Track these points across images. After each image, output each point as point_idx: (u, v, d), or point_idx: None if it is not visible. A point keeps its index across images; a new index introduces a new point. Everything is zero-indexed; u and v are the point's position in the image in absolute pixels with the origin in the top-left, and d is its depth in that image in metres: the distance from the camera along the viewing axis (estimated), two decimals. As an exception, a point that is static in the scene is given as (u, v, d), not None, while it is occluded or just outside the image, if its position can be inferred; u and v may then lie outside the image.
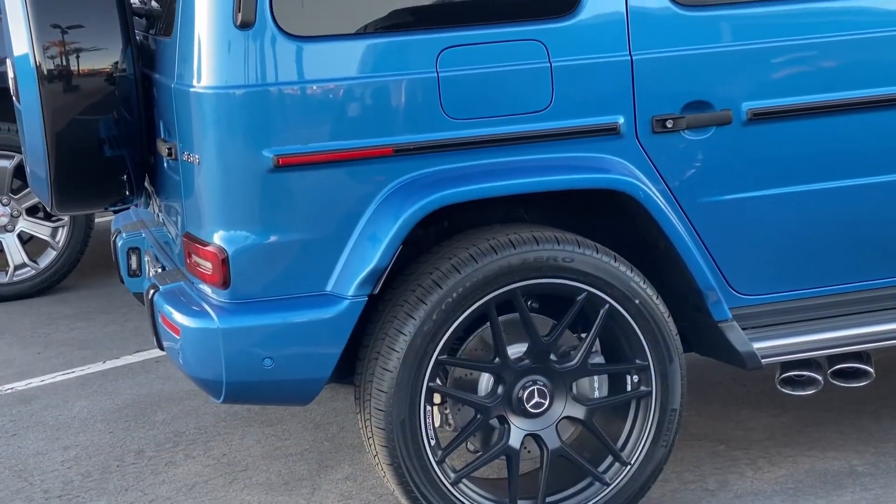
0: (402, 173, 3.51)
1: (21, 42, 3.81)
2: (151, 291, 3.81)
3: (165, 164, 3.82)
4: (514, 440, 3.69)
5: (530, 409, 3.66)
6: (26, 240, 6.64)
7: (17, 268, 6.60)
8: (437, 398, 3.67)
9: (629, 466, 3.74)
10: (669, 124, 3.65)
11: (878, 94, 3.77)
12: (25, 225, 6.60)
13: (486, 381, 3.69)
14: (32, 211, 6.61)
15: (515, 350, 3.66)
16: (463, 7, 3.63)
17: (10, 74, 4.06)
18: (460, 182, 3.50)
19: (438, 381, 3.63)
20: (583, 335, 3.71)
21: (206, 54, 3.46)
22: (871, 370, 3.92)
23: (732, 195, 3.75)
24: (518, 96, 3.56)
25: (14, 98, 4.11)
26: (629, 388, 3.74)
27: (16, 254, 6.58)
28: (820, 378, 3.90)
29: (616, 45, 3.61)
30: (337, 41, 3.49)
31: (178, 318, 3.58)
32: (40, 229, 6.61)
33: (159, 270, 4.05)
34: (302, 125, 3.45)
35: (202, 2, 3.45)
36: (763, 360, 3.78)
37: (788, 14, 3.73)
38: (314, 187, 3.47)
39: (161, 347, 3.86)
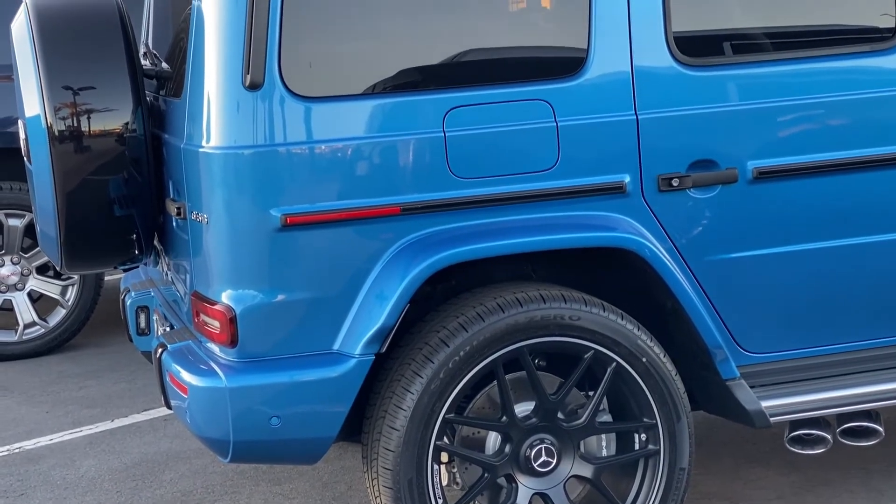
0: (410, 232, 3.53)
1: (33, 103, 3.84)
2: (160, 350, 3.82)
3: (174, 224, 3.85)
4: (522, 499, 3.67)
5: (538, 468, 3.65)
6: (36, 298, 6.66)
7: (26, 326, 6.61)
8: (444, 457, 3.66)
9: (638, 526, 3.72)
10: (675, 183, 3.66)
11: (884, 154, 3.79)
12: (35, 283, 6.62)
13: (493, 439, 3.69)
14: (42, 269, 6.63)
15: (523, 408, 3.66)
16: (470, 67, 3.66)
17: (22, 135, 4.10)
18: (467, 241, 3.52)
19: (446, 439, 3.62)
20: (590, 393, 3.71)
21: (215, 115, 3.49)
22: (881, 429, 3.91)
23: (739, 253, 3.76)
24: (524, 155, 3.58)
25: (25, 158, 4.14)
26: (637, 446, 3.73)
27: (25, 312, 6.60)
28: (829, 437, 3.88)
29: (622, 105, 3.64)
30: (344, 101, 3.52)
31: (186, 377, 3.59)
32: (50, 288, 6.63)
33: (168, 329, 4.06)
34: (310, 184, 3.48)
35: (211, 63, 3.49)
36: (771, 419, 3.77)
37: (793, 73, 3.76)
38: (322, 246, 3.49)
39: (169, 406, 3.86)
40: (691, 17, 3.81)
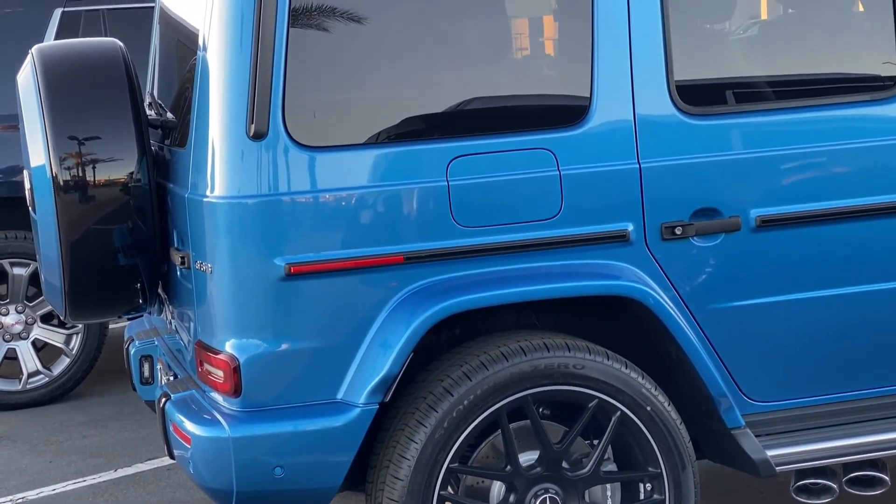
0: (413, 281, 3.53)
1: (38, 153, 3.86)
2: (163, 400, 3.81)
3: (178, 273, 3.85)
4: (527, 549, 3.65)
5: (542, 518, 3.63)
6: (40, 347, 6.66)
7: (30, 375, 6.60)
8: (448, 507, 3.65)
9: (643, 576, 3.70)
10: (678, 231, 3.67)
11: (886, 202, 3.79)
12: (40, 332, 6.62)
13: (497, 489, 3.66)
14: (47, 318, 6.63)
15: (527, 458, 3.64)
16: (473, 116, 3.68)
17: (27, 185, 4.11)
18: (471, 289, 3.52)
19: (450, 489, 3.60)
20: (595, 442, 3.69)
21: (220, 164, 3.51)
22: (887, 478, 3.89)
23: (743, 301, 3.75)
24: (527, 204, 3.59)
25: (30, 208, 4.15)
26: (642, 496, 3.71)
27: (30, 361, 6.58)
28: (835, 486, 3.86)
29: (624, 154, 3.65)
30: (348, 151, 3.54)
31: (189, 426, 3.58)
32: (54, 336, 6.63)
33: (171, 378, 4.05)
34: (313, 234, 3.49)
35: (216, 113, 3.51)
36: (777, 468, 3.75)
37: (794, 122, 3.77)
38: (325, 295, 3.49)
39: (172, 456, 3.85)
40: (693, 65, 3.84)
